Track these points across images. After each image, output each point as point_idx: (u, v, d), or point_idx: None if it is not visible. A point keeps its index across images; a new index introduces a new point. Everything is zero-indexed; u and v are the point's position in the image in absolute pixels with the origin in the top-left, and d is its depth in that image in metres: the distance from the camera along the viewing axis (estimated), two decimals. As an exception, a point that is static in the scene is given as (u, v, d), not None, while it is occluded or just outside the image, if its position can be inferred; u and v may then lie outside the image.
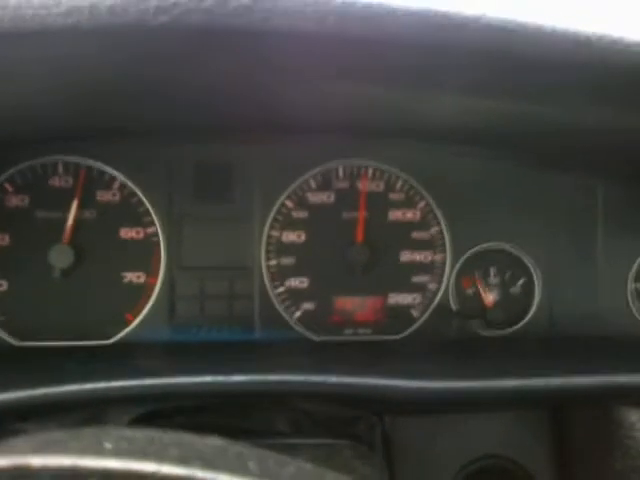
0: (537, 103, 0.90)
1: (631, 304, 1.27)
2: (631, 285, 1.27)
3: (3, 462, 0.34)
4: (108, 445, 0.37)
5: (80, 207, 1.15)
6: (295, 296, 1.22)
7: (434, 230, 1.25)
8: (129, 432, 0.41)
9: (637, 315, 1.27)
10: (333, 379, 0.93)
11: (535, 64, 0.74)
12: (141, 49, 0.72)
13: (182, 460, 0.35)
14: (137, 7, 0.64)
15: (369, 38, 0.71)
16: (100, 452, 0.36)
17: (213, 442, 0.40)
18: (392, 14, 0.69)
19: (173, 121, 1.12)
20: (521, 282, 1.26)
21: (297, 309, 1.22)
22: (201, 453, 0.37)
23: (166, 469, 0.34)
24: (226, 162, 1.21)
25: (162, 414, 0.95)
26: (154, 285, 1.18)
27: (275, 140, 1.21)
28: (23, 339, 1.15)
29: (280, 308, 1.21)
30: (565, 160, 1.25)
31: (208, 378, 0.91)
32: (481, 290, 1.25)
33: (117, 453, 0.36)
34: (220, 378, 0.91)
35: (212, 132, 1.20)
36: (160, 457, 0.35)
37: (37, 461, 0.34)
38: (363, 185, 1.23)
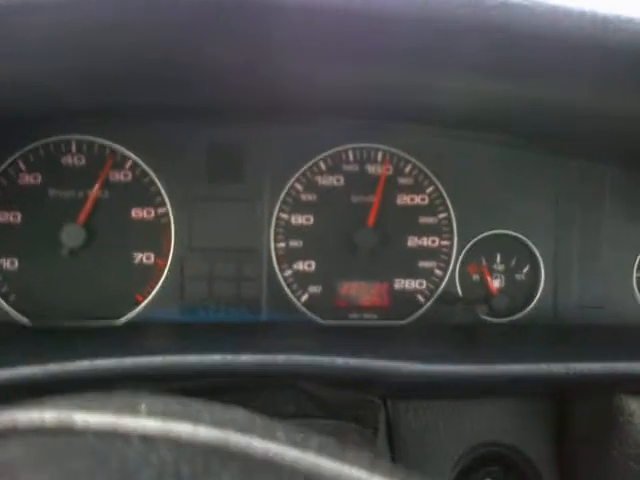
0: (546, 86, 0.90)
1: (636, 293, 1.28)
2: (636, 274, 1.28)
3: (48, 416, 0.35)
4: (144, 407, 0.38)
5: (93, 187, 1.17)
6: (302, 279, 1.23)
7: (442, 216, 1.25)
8: (161, 397, 0.42)
9: (642, 303, 1.28)
10: (340, 361, 0.94)
11: (548, 43, 0.75)
12: (158, 21, 0.73)
13: (216, 424, 0.36)
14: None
15: (379, 15, 0.71)
16: (137, 412, 0.37)
17: (240, 412, 0.41)
18: None
19: (186, 102, 1.12)
20: (526, 269, 1.27)
21: (304, 292, 1.23)
22: (233, 419, 0.38)
23: (202, 431, 0.35)
24: (237, 144, 1.22)
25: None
26: (164, 266, 1.19)
27: (286, 123, 1.22)
28: (34, 318, 1.17)
29: (287, 291, 1.22)
30: (574, 147, 1.25)
31: (217, 357, 0.92)
32: (487, 276, 1.26)
33: (153, 414, 0.37)
34: (229, 357, 0.92)
35: (224, 114, 1.20)
36: (195, 419, 0.36)
37: (79, 417, 0.36)
38: (384, 169, 1.23)
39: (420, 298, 1.26)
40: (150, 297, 1.19)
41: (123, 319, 1.19)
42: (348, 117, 1.21)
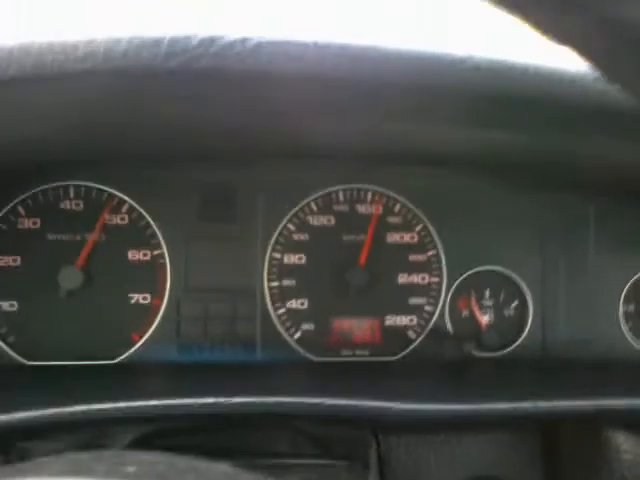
0: (526, 135, 0.94)
1: (623, 327, 1.31)
2: (623, 307, 1.31)
3: None
4: (130, 469, 0.41)
5: (93, 231, 1.20)
6: (295, 317, 1.26)
7: (431, 253, 1.29)
8: (148, 457, 0.45)
9: (629, 338, 1.31)
10: (329, 401, 0.97)
11: (523, 101, 0.79)
12: (152, 90, 0.77)
13: None
14: (149, 52, 0.69)
15: (365, 80, 0.75)
16: (124, 476, 0.40)
17: (225, 470, 0.44)
18: (385, 56, 0.74)
19: (179, 148, 1.16)
20: (515, 304, 1.30)
21: (297, 330, 1.26)
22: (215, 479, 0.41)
23: None
24: (230, 186, 1.25)
25: (164, 434, 0.99)
26: (160, 306, 1.22)
27: (277, 165, 1.26)
28: (32, 359, 1.19)
29: (281, 329, 1.25)
30: (558, 183, 1.28)
31: (210, 400, 0.95)
32: (476, 312, 1.28)
33: (139, 477, 0.39)
34: (221, 400, 0.95)
35: (218, 157, 1.24)
36: None
37: None
38: (375, 209, 1.27)
39: (411, 334, 1.28)
40: (146, 336, 1.22)
41: (120, 358, 1.21)
42: (338, 159, 1.25)
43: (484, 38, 0.78)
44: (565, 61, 0.77)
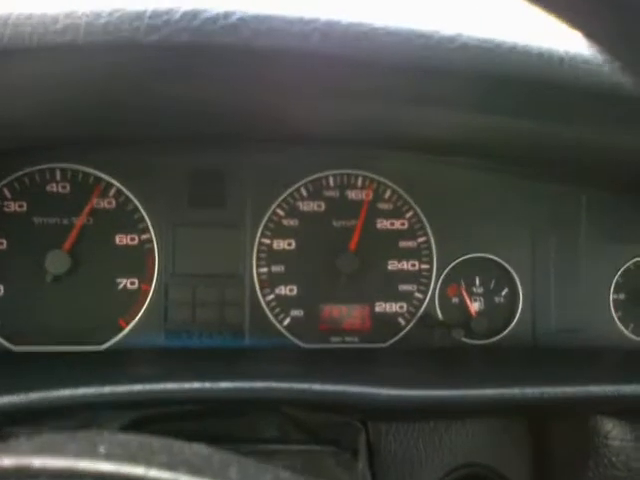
0: (517, 118, 0.93)
1: (613, 314, 1.31)
2: (613, 296, 1.30)
3: (7, 462, 0.37)
4: (102, 449, 0.40)
5: (80, 215, 1.19)
6: (284, 303, 1.25)
7: (421, 240, 1.28)
8: (122, 437, 0.44)
9: (619, 325, 1.31)
10: (317, 387, 0.96)
11: (511, 82, 0.78)
12: (134, 65, 0.76)
13: (169, 466, 0.38)
14: (130, 25, 0.67)
15: (350, 57, 0.74)
16: (94, 455, 0.39)
17: (200, 449, 0.43)
18: (372, 33, 0.72)
19: (167, 130, 1.15)
20: (505, 292, 1.30)
21: (286, 316, 1.25)
22: (187, 459, 0.40)
23: (153, 473, 0.37)
24: (219, 171, 1.24)
25: (150, 420, 0.98)
26: (147, 291, 1.21)
27: (267, 150, 1.24)
28: (19, 344, 1.18)
29: (270, 315, 1.24)
30: (549, 171, 1.28)
31: (196, 385, 0.94)
32: (466, 299, 1.28)
33: (109, 457, 0.39)
34: (207, 385, 0.94)
35: (206, 141, 1.23)
36: (149, 462, 0.39)
37: (38, 462, 0.38)
38: (367, 195, 1.26)
39: (401, 321, 1.28)
40: (134, 322, 1.21)
41: (107, 344, 1.20)
42: (329, 144, 1.24)
43: (475, 17, 0.77)
44: (555, 41, 0.76)
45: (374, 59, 0.74)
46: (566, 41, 0.76)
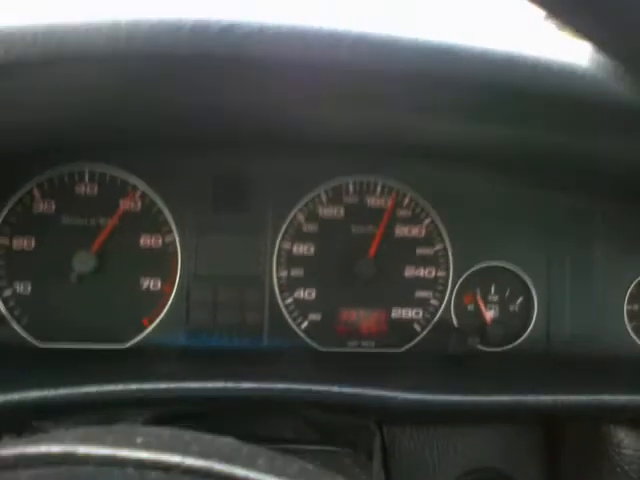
0: (529, 129, 0.95)
1: (627, 324, 1.32)
2: (627, 306, 1.32)
3: (55, 449, 0.40)
4: (139, 440, 0.43)
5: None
6: (303, 307, 1.27)
7: (438, 247, 1.30)
8: (155, 429, 0.47)
9: (633, 335, 1.32)
10: (335, 389, 0.99)
11: (525, 95, 0.80)
12: (170, 74, 0.79)
13: (202, 454, 0.41)
14: (169, 37, 0.70)
15: (373, 68, 0.77)
16: (133, 445, 0.42)
17: (228, 441, 0.46)
18: (388, 43, 0.75)
19: (192, 135, 1.18)
20: (520, 300, 1.31)
21: (304, 319, 1.28)
22: (218, 449, 0.43)
23: (189, 461, 0.40)
24: (242, 176, 1.27)
25: (168, 418, 1.01)
26: (170, 292, 1.24)
27: (288, 156, 1.27)
28: (45, 341, 1.21)
29: (288, 318, 1.27)
30: (565, 181, 1.29)
31: (219, 384, 0.97)
32: (481, 307, 1.30)
33: (147, 446, 0.42)
34: (230, 385, 0.97)
35: (230, 146, 1.26)
36: (184, 451, 0.41)
37: (82, 449, 0.40)
38: (390, 202, 1.28)
39: (416, 327, 1.30)
40: (156, 322, 1.24)
41: (130, 343, 1.23)
42: (348, 151, 1.27)
43: (490, 28, 0.79)
44: (562, 52, 0.78)
45: (394, 69, 0.76)
46: (572, 52, 0.78)
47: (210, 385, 0.96)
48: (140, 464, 0.40)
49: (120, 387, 0.94)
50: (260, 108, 0.96)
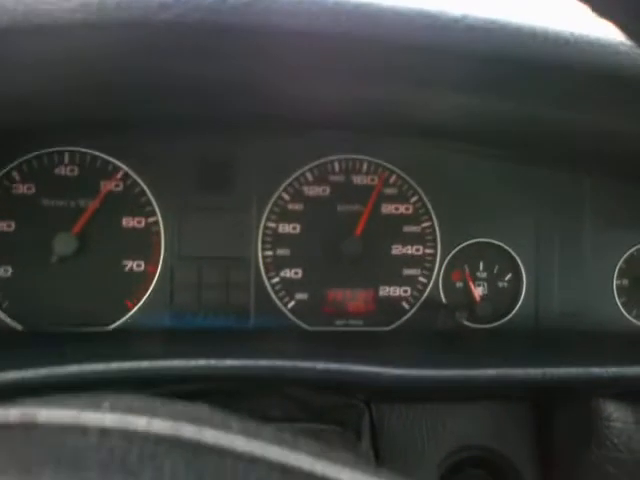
0: (522, 103, 0.93)
1: (617, 300, 1.31)
2: (616, 281, 1.31)
3: (14, 412, 0.38)
4: (106, 404, 0.41)
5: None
6: (289, 286, 1.26)
7: (425, 225, 1.29)
8: (127, 396, 0.45)
9: (623, 310, 1.31)
10: (321, 365, 0.97)
11: (517, 64, 0.78)
12: (145, 44, 0.76)
13: (172, 417, 0.39)
14: (141, 4, 0.68)
15: (358, 36, 0.75)
16: (99, 409, 0.40)
17: (202, 408, 0.44)
18: (378, 13, 0.73)
19: (175, 113, 1.16)
20: (509, 277, 1.30)
21: (291, 299, 1.26)
22: (190, 413, 0.42)
23: (157, 423, 0.38)
24: (226, 155, 1.25)
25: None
26: (154, 273, 1.22)
27: (273, 135, 1.25)
28: (26, 324, 1.19)
29: (274, 298, 1.25)
30: (554, 157, 1.28)
31: (202, 362, 0.95)
32: (470, 284, 1.29)
33: (114, 410, 0.40)
34: (213, 362, 0.95)
35: (213, 125, 1.24)
36: (151, 414, 0.40)
37: (43, 413, 0.39)
38: (378, 181, 1.27)
39: (405, 305, 1.28)
40: (140, 304, 1.22)
41: (113, 325, 1.21)
42: (334, 129, 1.25)
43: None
44: (561, 22, 0.77)
45: (379, 39, 0.75)
46: (572, 22, 0.76)
47: (192, 363, 0.94)
48: (104, 428, 0.39)
49: (101, 367, 0.92)
50: (248, 85, 0.94)
